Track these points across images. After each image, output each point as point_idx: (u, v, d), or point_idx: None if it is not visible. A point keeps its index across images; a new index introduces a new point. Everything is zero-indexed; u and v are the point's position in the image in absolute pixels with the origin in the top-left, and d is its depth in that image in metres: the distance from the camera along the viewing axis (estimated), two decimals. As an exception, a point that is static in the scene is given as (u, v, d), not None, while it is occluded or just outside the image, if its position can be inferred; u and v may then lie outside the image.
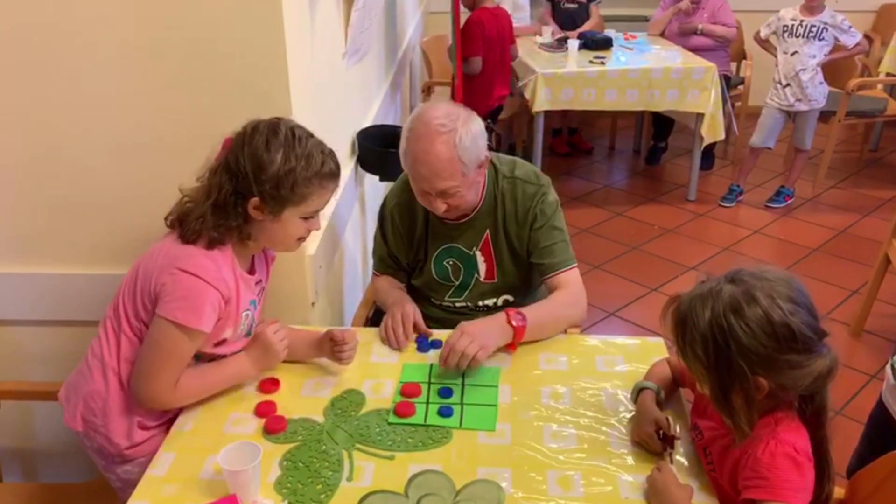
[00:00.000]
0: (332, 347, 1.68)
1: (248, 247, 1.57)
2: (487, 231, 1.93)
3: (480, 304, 2.01)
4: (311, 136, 1.53)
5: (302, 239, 1.59)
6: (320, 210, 1.57)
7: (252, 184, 1.46)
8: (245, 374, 1.63)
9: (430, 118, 1.75)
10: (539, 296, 1.99)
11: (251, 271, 1.62)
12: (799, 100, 4.22)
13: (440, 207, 1.80)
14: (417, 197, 1.86)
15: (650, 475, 1.36)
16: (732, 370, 1.21)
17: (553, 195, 1.94)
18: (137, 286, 1.52)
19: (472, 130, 1.75)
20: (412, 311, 1.84)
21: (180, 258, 1.47)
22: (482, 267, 1.97)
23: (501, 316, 1.75)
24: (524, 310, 1.78)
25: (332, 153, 1.55)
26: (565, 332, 2.02)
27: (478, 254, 1.95)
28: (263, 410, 1.58)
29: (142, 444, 1.57)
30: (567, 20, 5.10)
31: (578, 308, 1.91)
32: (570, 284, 1.90)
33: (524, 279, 2.00)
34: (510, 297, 2.01)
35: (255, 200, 1.47)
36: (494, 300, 2.01)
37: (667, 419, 1.47)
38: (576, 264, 1.95)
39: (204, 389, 1.59)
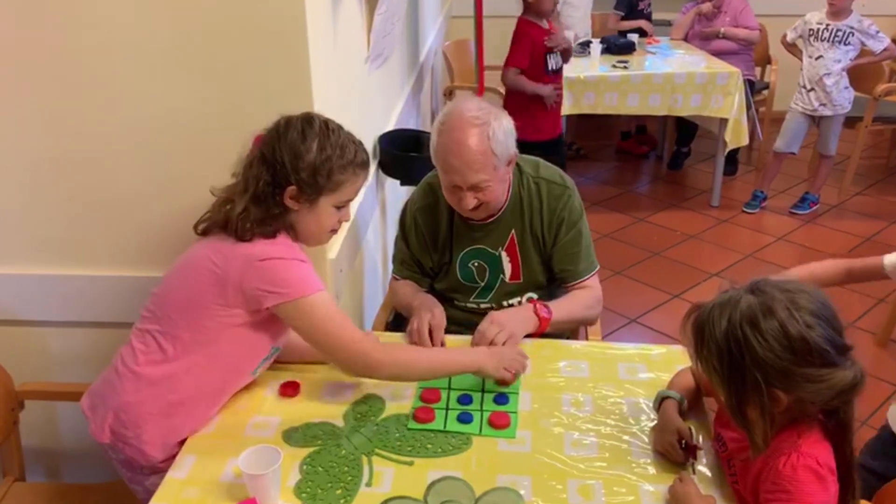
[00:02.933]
0: None
1: (291, 238, 1.58)
2: (513, 231, 1.93)
3: (505, 304, 2.00)
4: (342, 128, 1.56)
5: (334, 231, 1.61)
6: (352, 199, 1.59)
7: (289, 173, 1.48)
8: (466, 363, 1.62)
9: (463, 111, 1.76)
10: (561, 294, 2.01)
11: None
12: (823, 104, 4.17)
13: (470, 203, 1.79)
14: (446, 194, 1.85)
15: (672, 486, 1.35)
16: (747, 382, 1.19)
17: (578, 199, 1.95)
18: (209, 297, 1.48)
19: (503, 125, 1.78)
20: (440, 318, 1.84)
21: (254, 254, 1.47)
22: (507, 267, 1.96)
23: (529, 307, 1.86)
24: (550, 304, 1.88)
25: (362, 144, 1.58)
26: (587, 338, 2.02)
27: (503, 254, 1.95)
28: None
29: (176, 455, 1.54)
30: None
31: (596, 311, 2.00)
32: (591, 289, 1.97)
33: (549, 278, 2.00)
34: (534, 296, 2.01)
35: (291, 189, 1.49)
36: (519, 299, 2.00)
37: (689, 429, 1.45)
38: (598, 268, 1.99)
39: (424, 357, 1.62)
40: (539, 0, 3.56)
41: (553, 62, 3.66)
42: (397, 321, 2.14)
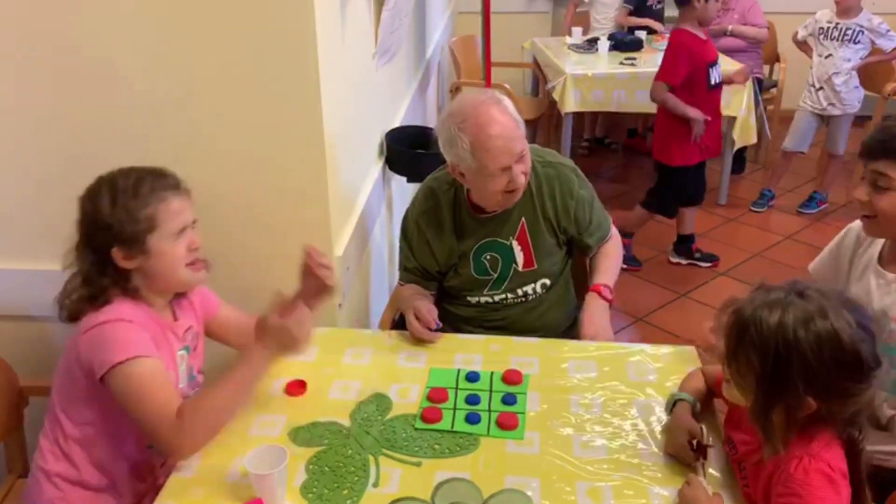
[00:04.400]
0: (310, 274, 1.56)
1: (151, 297, 1.52)
2: (523, 219, 1.92)
3: (519, 291, 1.99)
4: (134, 168, 1.49)
5: (191, 265, 1.51)
6: (186, 223, 1.49)
7: (102, 240, 1.45)
8: (258, 367, 1.47)
9: (474, 100, 1.80)
10: (567, 271, 2.09)
11: (175, 319, 1.60)
12: (832, 104, 4.14)
13: (521, 179, 1.81)
14: (492, 185, 1.80)
15: (680, 489, 1.33)
16: (785, 385, 1.17)
17: (581, 175, 2.01)
18: (65, 383, 1.51)
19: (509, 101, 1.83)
20: (425, 308, 1.83)
21: (82, 325, 1.46)
22: (520, 256, 1.95)
23: (599, 301, 1.93)
24: (606, 280, 1.97)
25: (161, 169, 1.50)
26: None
27: (514, 243, 1.94)
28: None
29: None
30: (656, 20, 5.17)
31: (621, 249, 2.13)
32: (613, 237, 2.09)
33: (562, 262, 2.02)
34: (547, 281, 2.00)
35: (116, 252, 1.45)
36: (532, 286, 2.00)
37: (701, 428, 1.44)
38: (612, 221, 2.09)
39: (215, 405, 1.44)
40: (705, 7, 3.30)
41: (715, 76, 3.45)
42: (403, 320, 2.13)
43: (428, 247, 1.97)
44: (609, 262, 2.02)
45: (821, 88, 4.15)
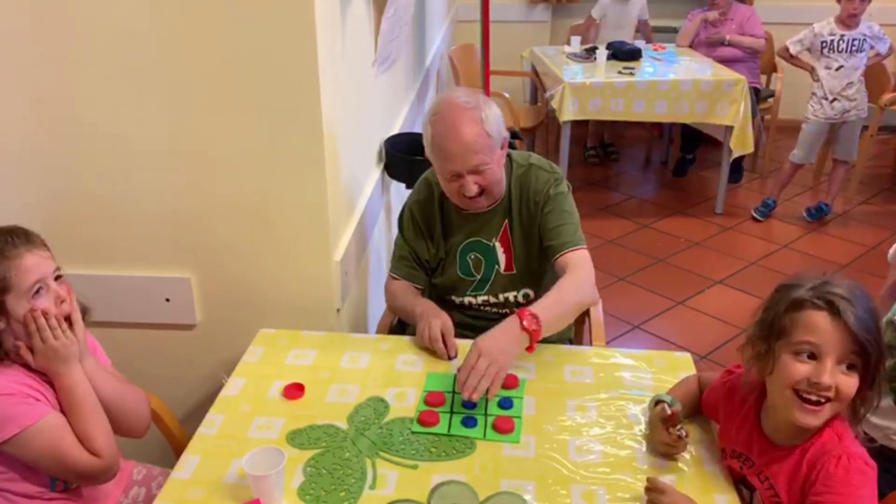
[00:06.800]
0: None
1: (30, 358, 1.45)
2: (506, 221, 1.93)
3: (501, 296, 1.99)
4: None
5: (60, 315, 1.45)
6: (42, 278, 1.42)
7: None
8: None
9: (453, 99, 1.81)
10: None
11: None
12: (847, 111, 4.17)
13: (472, 189, 1.79)
14: (446, 185, 1.84)
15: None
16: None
17: (565, 184, 1.94)
18: None
19: (493, 109, 1.82)
20: (450, 323, 1.82)
21: None
22: (502, 258, 1.96)
23: (515, 323, 1.64)
24: (537, 310, 1.67)
25: (11, 230, 1.45)
26: (591, 343, 2.01)
27: (497, 245, 1.95)
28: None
29: None
30: None
31: (587, 290, 1.82)
32: (577, 266, 1.83)
33: (540, 269, 1.96)
34: (530, 291, 1.97)
35: None
36: (514, 293, 1.99)
37: (667, 404, 1.47)
38: (584, 246, 1.87)
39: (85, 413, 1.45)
40: None
41: None
42: (402, 324, 2.14)
43: (420, 233, 1.98)
44: (557, 296, 1.74)
45: (835, 100, 4.17)
